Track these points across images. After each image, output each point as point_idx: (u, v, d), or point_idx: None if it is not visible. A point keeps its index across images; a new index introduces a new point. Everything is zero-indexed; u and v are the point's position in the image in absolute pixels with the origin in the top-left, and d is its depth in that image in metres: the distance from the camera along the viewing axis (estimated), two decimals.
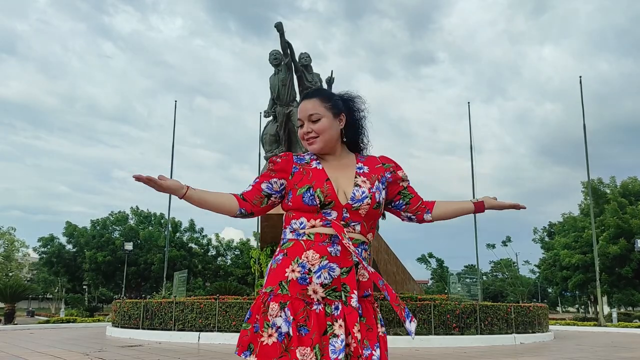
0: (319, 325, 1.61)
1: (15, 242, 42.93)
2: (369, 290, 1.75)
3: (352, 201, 1.71)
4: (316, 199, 1.70)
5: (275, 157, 1.84)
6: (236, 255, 43.24)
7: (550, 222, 37.96)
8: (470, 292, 15.31)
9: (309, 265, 1.66)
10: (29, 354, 8.26)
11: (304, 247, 1.69)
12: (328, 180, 1.74)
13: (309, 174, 1.77)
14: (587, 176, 23.73)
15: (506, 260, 45.91)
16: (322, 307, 1.64)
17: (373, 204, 1.74)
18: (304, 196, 1.71)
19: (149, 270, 36.73)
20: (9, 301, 20.07)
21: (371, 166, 1.84)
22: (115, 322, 13.60)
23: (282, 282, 1.68)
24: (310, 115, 1.81)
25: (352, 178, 1.77)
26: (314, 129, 1.80)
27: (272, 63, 13.67)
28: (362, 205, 1.72)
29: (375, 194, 1.75)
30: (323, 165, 1.80)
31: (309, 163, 1.82)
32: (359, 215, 1.73)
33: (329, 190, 1.71)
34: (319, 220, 1.70)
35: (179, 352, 8.54)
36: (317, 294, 1.65)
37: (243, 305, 10.98)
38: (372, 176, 1.80)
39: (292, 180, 1.77)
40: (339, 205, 1.71)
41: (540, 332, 12.76)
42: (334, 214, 1.70)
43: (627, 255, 26.58)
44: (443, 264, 47.57)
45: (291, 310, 1.63)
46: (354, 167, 1.82)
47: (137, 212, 41.15)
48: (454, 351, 9.38)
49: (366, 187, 1.75)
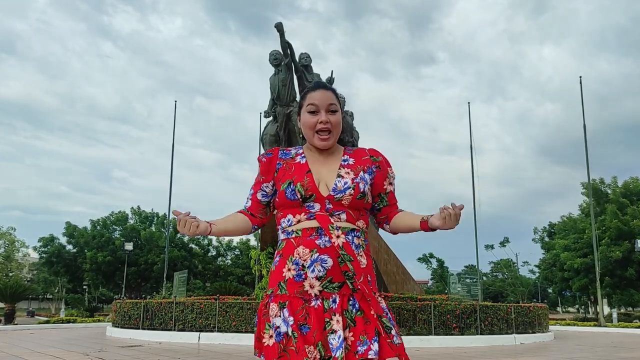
0: (318, 322, 1.62)
1: (16, 242, 42.90)
2: (368, 278, 1.72)
3: (334, 192, 1.71)
4: (297, 193, 1.71)
5: (261, 156, 1.85)
6: (236, 255, 43.22)
7: (551, 222, 37.99)
8: (471, 293, 15.31)
9: (301, 261, 1.67)
10: (29, 354, 8.26)
11: (294, 245, 1.70)
12: (309, 173, 1.74)
13: (291, 168, 1.78)
14: (588, 176, 23.74)
15: (506, 261, 45.88)
16: (321, 302, 1.65)
17: (356, 194, 1.72)
18: (286, 191, 1.73)
19: (149, 270, 36.72)
20: (9, 301, 20.08)
21: (357, 158, 1.83)
22: (115, 322, 13.60)
23: (280, 283, 1.70)
24: (330, 105, 1.79)
25: (335, 170, 1.77)
26: (331, 121, 1.78)
27: (272, 63, 13.66)
28: (345, 196, 1.71)
29: (359, 184, 1.73)
30: (307, 159, 1.81)
31: (294, 158, 1.83)
32: (342, 205, 1.72)
33: (309, 184, 1.72)
34: (304, 214, 1.71)
35: (179, 352, 8.54)
36: (314, 288, 1.66)
37: (243, 306, 10.98)
38: (358, 167, 1.79)
39: (277, 176, 1.79)
40: (321, 197, 1.71)
41: (540, 333, 12.76)
42: (317, 206, 1.71)
43: (629, 257, 26.56)
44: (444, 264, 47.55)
45: (290, 310, 1.64)
46: (340, 159, 1.82)
47: (137, 212, 41.17)
48: (454, 351, 9.38)
49: (349, 177, 1.74)
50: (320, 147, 1.81)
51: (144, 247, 37.81)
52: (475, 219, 22.86)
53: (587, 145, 22.82)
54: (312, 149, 1.84)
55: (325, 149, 1.83)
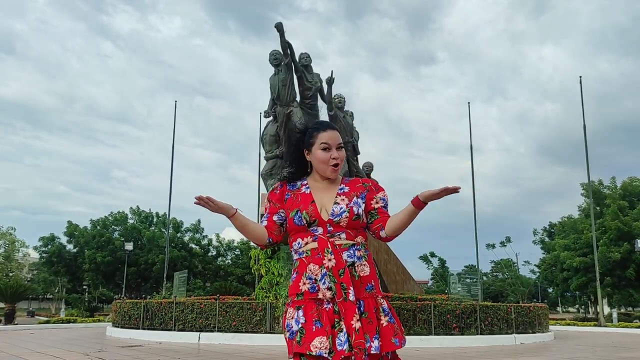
0: (329, 321, 1.92)
1: (16, 242, 42.91)
2: (372, 283, 2.05)
3: (332, 216, 2.04)
4: (303, 219, 2.05)
5: (273, 190, 2.20)
6: (236, 255, 43.22)
7: (551, 223, 37.97)
8: (471, 292, 15.28)
9: (314, 276, 2.00)
10: (29, 354, 8.27)
11: (306, 263, 2.03)
12: (313, 203, 2.07)
13: (298, 198, 2.12)
14: (587, 176, 23.72)
15: (506, 261, 45.88)
16: (331, 306, 1.95)
17: (351, 216, 2.04)
18: (294, 218, 2.06)
19: (149, 270, 36.72)
20: (9, 301, 20.07)
21: (352, 186, 2.16)
22: (115, 322, 13.60)
23: (298, 294, 2.02)
24: (339, 144, 2.13)
25: (334, 197, 2.10)
26: (339, 156, 2.13)
27: (272, 63, 13.64)
28: (342, 219, 2.03)
29: (353, 208, 2.05)
30: (311, 189, 2.14)
31: (299, 188, 2.16)
32: (341, 227, 2.04)
33: (312, 211, 2.05)
34: (309, 237, 2.05)
35: (179, 352, 8.54)
36: (326, 296, 1.97)
37: (243, 306, 10.99)
38: (352, 194, 2.11)
39: (286, 205, 2.14)
40: (322, 221, 2.04)
41: (541, 332, 12.77)
42: (320, 229, 2.04)
43: (629, 258, 26.54)
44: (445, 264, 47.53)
45: (305, 311, 1.96)
46: (337, 188, 2.14)
47: (136, 212, 41.16)
48: (454, 351, 9.38)
49: (344, 203, 2.07)
50: (332, 178, 2.15)
51: (144, 247, 37.81)
52: (475, 219, 22.84)
53: (587, 145, 22.81)
54: (317, 179, 2.17)
55: (327, 180, 2.16)
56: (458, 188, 1.93)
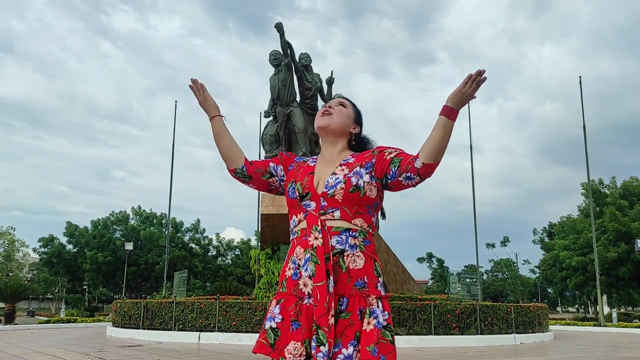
0: (308, 320, 1.65)
1: (16, 242, 42.92)
2: (365, 280, 1.70)
3: (326, 188, 1.74)
4: (296, 191, 1.80)
5: (284, 152, 2.01)
6: (236, 255, 43.23)
7: (550, 223, 38.00)
8: (470, 292, 15.29)
9: (298, 260, 1.73)
10: (29, 354, 8.27)
11: (295, 244, 1.77)
12: (311, 174, 1.82)
13: (299, 169, 1.88)
14: (587, 177, 23.72)
15: (506, 260, 45.91)
16: (312, 301, 1.66)
17: (348, 187, 1.71)
18: (289, 190, 1.84)
19: (150, 270, 36.73)
20: (9, 301, 20.07)
21: (359, 157, 1.83)
22: (115, 322, 13.61)
23: (283, 282, 1.79)
24: (341, 100, 1.96)
25: (334, 169, 1.81)
26: (335, 107, 1.92)
27: (272, 63, 13.64)
28: (337, 191, 1.72)
29: (350, 178, 1.73)
30: (316, 163, 1.89)
31: (306, 162, 1.93)
32: (336, 201, 1.72)
33: (307, 183, 1.79)
34: (302, 213, 1.77)
35: (179, 352, 8.54)
36: (307, 287, 1.68)
37: (243, 305, 10.99)
38: (355, 164, 1.79)
39: (287, 176, 1.91)
40: (316, 195, 1.76)
41: (540, 332, 12.77)
42: (313, 204, 1.75)
43: (627, 257, 26.55)
44: (443, 264, 47.58)
45: (283, 307, 1.72)
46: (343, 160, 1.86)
47: (138, 212, 41.15)
48: (454, 351, 9.38)
49: (342, 173, 1.76)
50: (319, 126, 1.90)
51: (144, 247, 37.81)
52: (475, 219, 22.83)
53: (586, 145, 22.80)
54: (324, 152, 1.92)
55: (334, 150, 1.90)
56: (482, 71, 1.67)
